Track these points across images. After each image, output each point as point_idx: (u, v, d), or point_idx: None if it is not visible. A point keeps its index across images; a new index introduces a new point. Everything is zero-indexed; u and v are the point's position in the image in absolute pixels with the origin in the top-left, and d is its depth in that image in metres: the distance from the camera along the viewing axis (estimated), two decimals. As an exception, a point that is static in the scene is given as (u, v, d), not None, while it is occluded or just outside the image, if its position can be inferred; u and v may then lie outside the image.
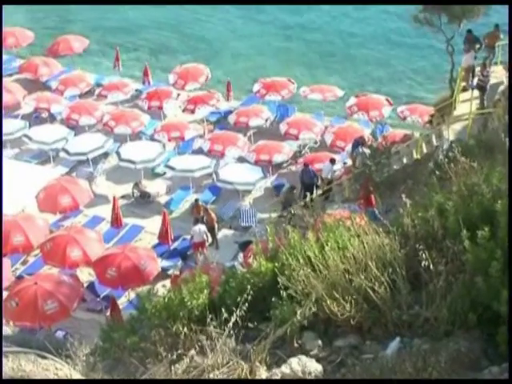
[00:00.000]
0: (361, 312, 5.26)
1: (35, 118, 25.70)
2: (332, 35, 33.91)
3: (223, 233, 20.53)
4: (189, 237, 19.70)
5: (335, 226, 6.27)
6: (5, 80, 27.81)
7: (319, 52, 32.58)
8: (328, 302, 5.25)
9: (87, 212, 21.27)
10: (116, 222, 19.99)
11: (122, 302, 17.30)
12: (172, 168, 22.46)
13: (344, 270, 5.46)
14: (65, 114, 25.35)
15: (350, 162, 21.66)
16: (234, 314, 5.25)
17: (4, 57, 29.61)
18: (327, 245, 5.69)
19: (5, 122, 24.68)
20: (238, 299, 5.39)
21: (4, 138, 23.91)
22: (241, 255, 18.60)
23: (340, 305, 5.25)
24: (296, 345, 5.41)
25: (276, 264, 5.99)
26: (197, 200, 20.80)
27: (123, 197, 22.23)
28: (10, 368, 4.85)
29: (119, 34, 34.02)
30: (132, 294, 17.41)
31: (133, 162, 22.65)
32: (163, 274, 18.15)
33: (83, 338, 7.33)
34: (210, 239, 19.41)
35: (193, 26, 35.49)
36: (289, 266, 5.73)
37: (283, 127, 24.50)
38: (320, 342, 5.39)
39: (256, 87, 26.82)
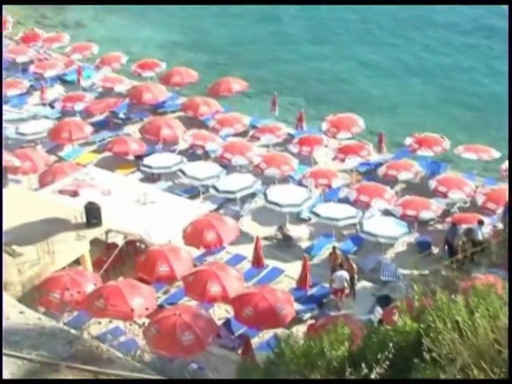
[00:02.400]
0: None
1: (191, 154, 26.73)
2: (491, 101, 33.12)
3: (362, 284, 20.29)
4: (327, 284, 19.65)
5: (486, 292, 6.06)
6: (168, 116, 29.29)
7: (478, 115, 31.94)
8: (475, 371, 5.06)
9: (230, 249, 21.71)
10: (257, 263, 20.28)
11: (254, 341, 17.42)
12: (317, 214, 22.55)
13: (494, 340, 5.26)
14: (219, 153, 26.19)
15: (500, 226, 20.87)
16: (374, 371, 5.18)
17: (169, 94, 31.20)
18: (477, 311, 5.51)
19: (162, 155, 25.90)
20: (379, 356, 5.31)
21: (161, 170, 25.09)
22: (378, 309, 18.32)
23: (487, 376, 5.05)
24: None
25: (421, 325, 5.86)
26: (334, 248, 20.75)
27: (266, 238, 22.56)
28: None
29: (278, 79, 34.97)
30: (265, 335, 17.53)
31: (279, 205, 22.96)
32: (298, 318, 18.17)
33: (215, 373, 7.49)
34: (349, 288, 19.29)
35: (353, 79, 35.85)
36: (435, 329, 5.59)
37: (433, 184, 24.03)
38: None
39: (408, 141, 26.57)
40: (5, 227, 17.90)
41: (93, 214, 18.93)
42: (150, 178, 25.36)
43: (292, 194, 23.71)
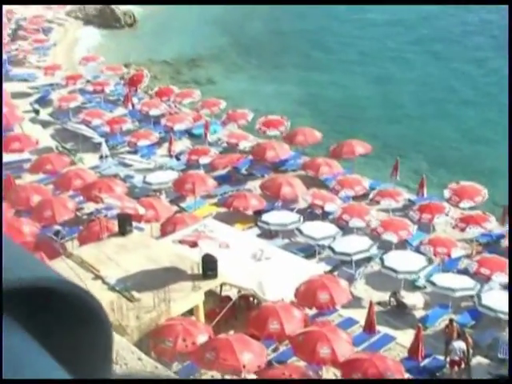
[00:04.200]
0: None
1: (309, 213, 26.90)
2: None
3: (477, 360, 19.53)
4: (440, 357, 19.06)
5: None
6: (289, 174, 29.73)
7: None
8: None
9: (342, 312, 21.50)
10: (369, 328, 19.96)
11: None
12: (433, 283, 22.03)
13: None
14: (337, 214, 26.22)
15: None
16: None
17: (291, 153, 31.67)
18: None
19: (281, 212, 26.22)
20: None
21: (278, 228, 25.36)
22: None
23: None
24: None
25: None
26: (451, 320, 20.13)
27: (379, 303, 22.20)
28: None
29: (401, 145, 34.82)
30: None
31: (395, 271, 22.61)
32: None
33: None
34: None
35: (480, 148, 35.23)
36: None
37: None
38: None
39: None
40: (126, 272, 18.60)
41: (209, 266, 19.34)
42: (268, 234, 25.66)
43: (409, 260, 23.31)
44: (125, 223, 20.88)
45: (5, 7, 47.27)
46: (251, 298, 20.78)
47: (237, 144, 32.34)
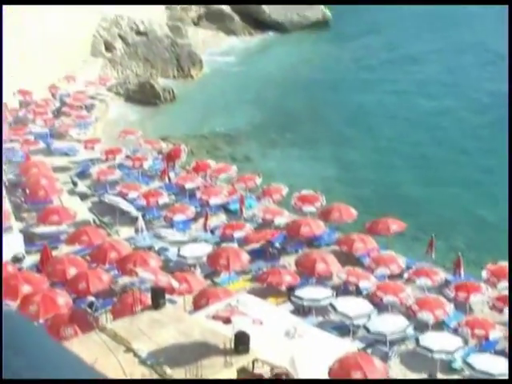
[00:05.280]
0: None
1: (343, 290, 26.67)
2: None
3: None
4: None
5: None
6: (323, 250, 29.66)
7: None
8: None
9: (377, 393, 21.05)
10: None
11: None
12: (471, 366, 21.51)
13: None
14: (371, 290, 25.95)
15: None
16: None
17: (326, 229, 31.60)
18: None
19: (315, 288, 26.05)
20: None
21: (312, 303, 25.17)
22: None
23: None
24: None
25: None
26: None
27: (415, 385, 21.73)
28: None
29: (437, 222, 34.62)
30: None
31: (430, 351, 22.18)
32: None
33: None
34: None
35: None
36: None
37: None
38: None
39: None
40: (158, 346, 18.53)
41: (241, 342, 19.16)
42: (301, 310, 25.45)
43: (445, 340, 22.88)
44: (158, 297, 20.90)
45: (47, 81, 48.91)
46: (284, 376, 20.46)
47: (272, 220, 32.45)
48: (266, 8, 73.20)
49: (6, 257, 26.36)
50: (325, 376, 19.91)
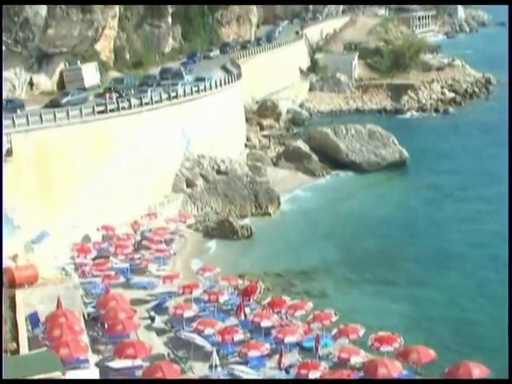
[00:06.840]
0: None
1: None
2: None
3: None
4: None
5: None
6: None
7: None
8: None
9: None
10: None
11: None
12: None
13: None
14: None
15: None
16: None
17: (403, 371, 30.48)
18: None
19: None
20: None
21: None
22: None
23: None
24: None
25: None
26: None
27: None
28: None
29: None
30: None
31: None
32: None
33: None
34: None
35: None
36: None
37: None
38: None
39: None
40: None
41: None
42: None
43: None
44: None
45: (130, 216, 50.61)
46: None
47: (348, 358, 31.76)
48: (343, 148, 74.64)
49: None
50: None
